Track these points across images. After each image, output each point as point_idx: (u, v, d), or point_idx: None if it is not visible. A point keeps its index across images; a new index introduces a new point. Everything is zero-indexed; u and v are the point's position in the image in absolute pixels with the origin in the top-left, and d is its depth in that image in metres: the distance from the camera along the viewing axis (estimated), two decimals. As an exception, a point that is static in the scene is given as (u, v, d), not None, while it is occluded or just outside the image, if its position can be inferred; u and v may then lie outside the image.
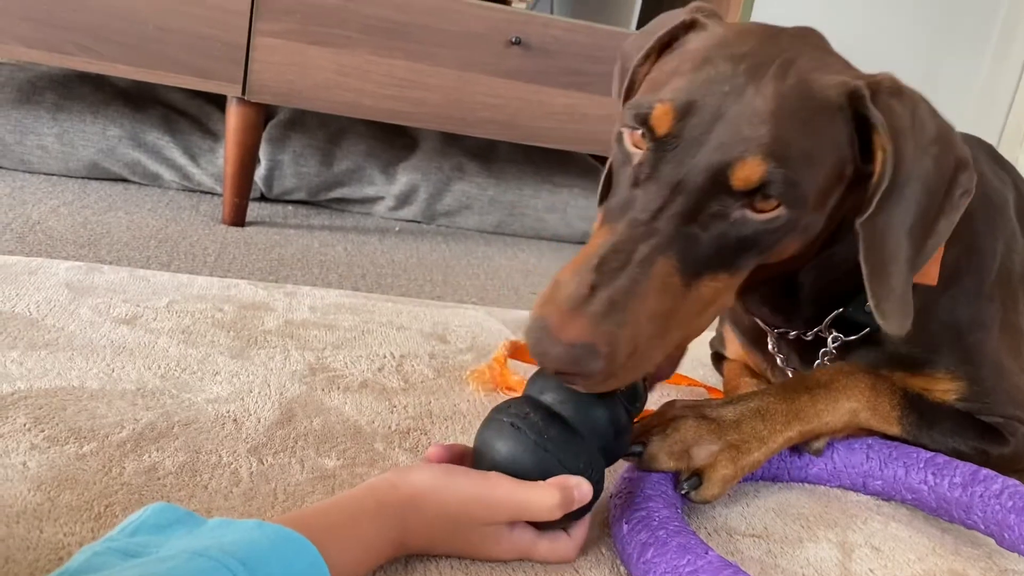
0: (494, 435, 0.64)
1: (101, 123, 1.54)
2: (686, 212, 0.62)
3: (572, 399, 0.64)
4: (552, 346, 0.57)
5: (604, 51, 1.50)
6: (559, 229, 1.81)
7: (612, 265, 0.59)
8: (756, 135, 0.61)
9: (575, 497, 0.61)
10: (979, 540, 0.80)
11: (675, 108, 0.62)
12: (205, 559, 0.48)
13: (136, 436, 0.72)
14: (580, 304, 0.58)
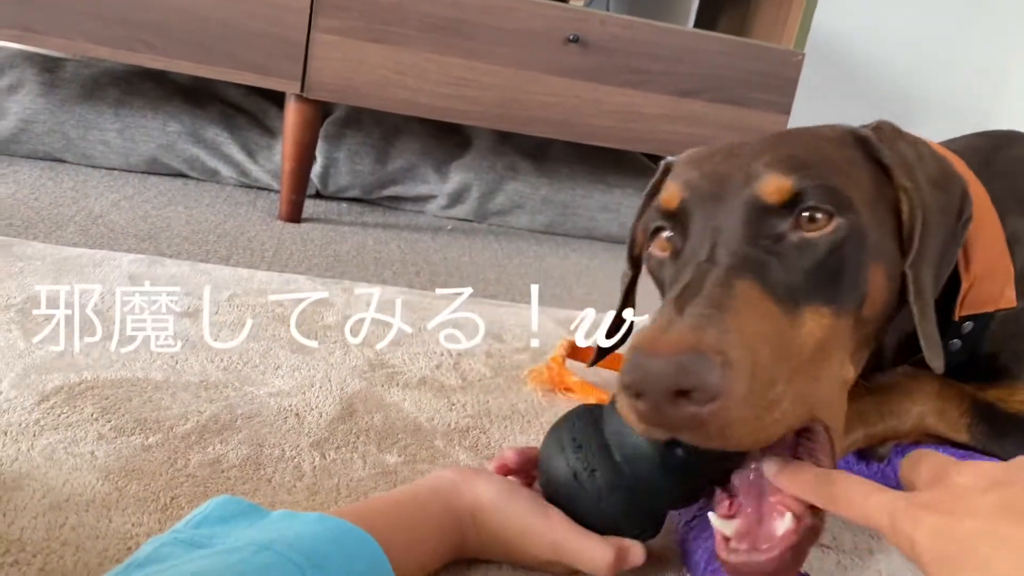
0: (557, 478, 0.62)
1: (161, 119, 1.56)
2: (741, 237, 0.58)
3: (644, 461, 0.60)
4: (650, 362, 0.48)
5: (662, 49, 1.48)
6: (612, 229, 1.79)
7: (691, 291, 0.54)
8: (767, 161, 0.61)
9: (628, 560, 0.60)
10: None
11: (681, 185, 0.63)
12: (270, 553, 0.48)
13: (200, 428, 0.72)
14: (669, 324, 0.50)
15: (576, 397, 0.92)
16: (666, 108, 1.51)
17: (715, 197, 0.60)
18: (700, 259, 0.57)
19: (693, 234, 0.60)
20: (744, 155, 0.63)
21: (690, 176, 0.63)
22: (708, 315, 0.51)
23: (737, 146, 0.66)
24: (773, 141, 0.65)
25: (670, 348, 0.48)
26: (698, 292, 0.53)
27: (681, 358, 0.48)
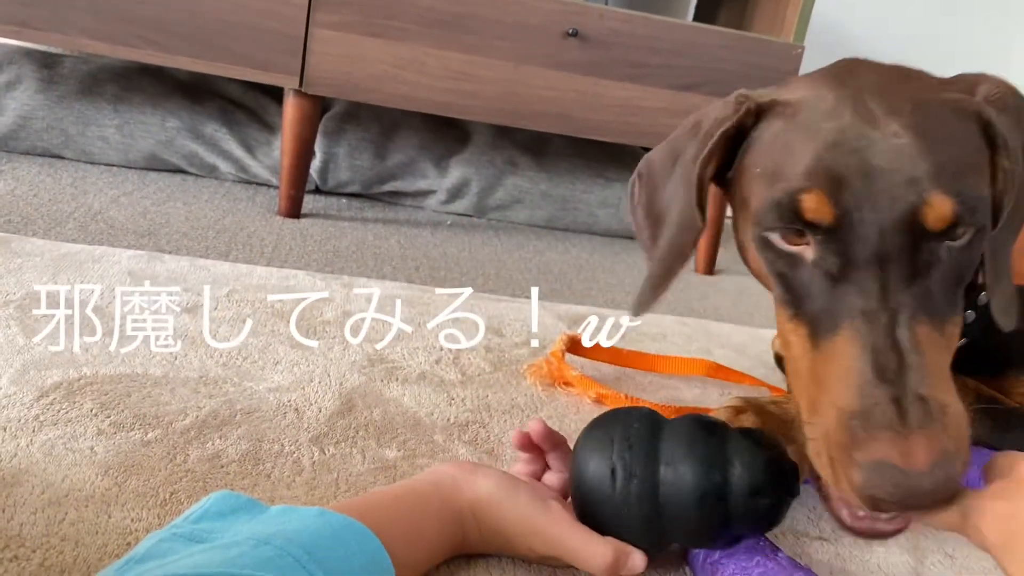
0: (592, 473, 0.61)
1: (160, 115, 1.56)
2: (907, 275, 0.56)
3: (686, 491, 0.59)
4: (918, 480, 0.49)
5: (661, 42, 1.47)
6: (611, 224, 1.79)
7: (891, 367, 0.53)
8: (922, 172, 0.56)
9: (628, 565, 0.59)
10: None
11: (824, 190, 0.56)
12: (270, 547, 0.48)
13: (199, 424, 0.72)
14: (900, 423, 0.51)
15: (575, 391, 0.92)
16: (665, 102, 1.51)
17: (869, 210, 0.56)
18: (874, 299, 0.55)
19: (853, 255, 0.56)
20: (887, 136, 0.57)
21: (831, 170, 0.57)
22: (925, 399, 0.52)
23: (861, 108, 0.59)
24: (911, 117, 0.58)
25: (924, 461, 0.49)
26: (900, 361, 0.53)
27: (940, 469, 0.49)
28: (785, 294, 0.61)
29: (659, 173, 0.73)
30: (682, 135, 0.73)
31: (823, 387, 0.56)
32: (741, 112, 0.64)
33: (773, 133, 0.63)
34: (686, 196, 0.67)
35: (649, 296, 0.70)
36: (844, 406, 0.53)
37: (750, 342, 1.21)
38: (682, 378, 1.02)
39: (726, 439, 0.62)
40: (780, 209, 0.58)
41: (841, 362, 0.55)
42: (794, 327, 0.60)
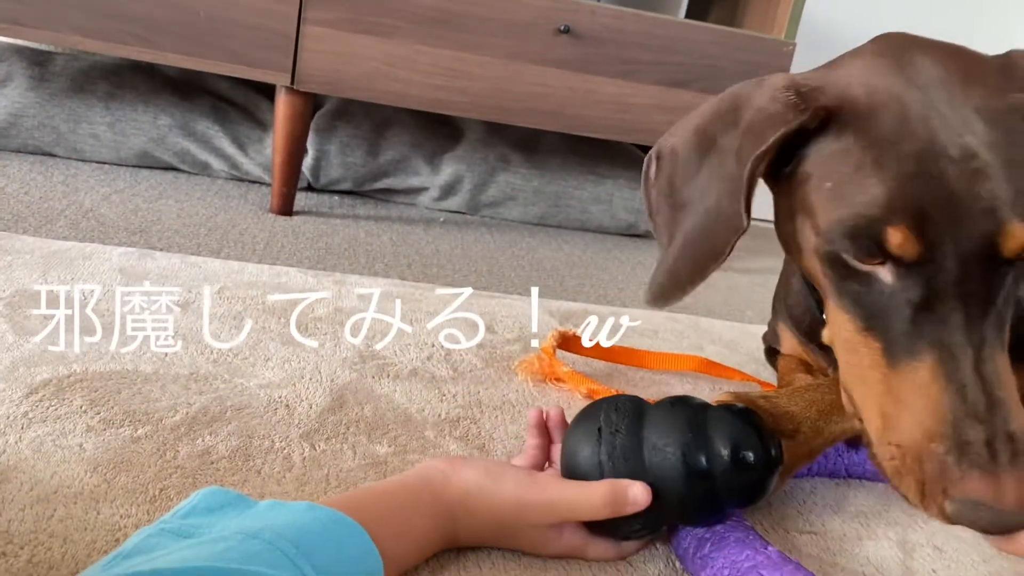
0: (580, 430, 0.64)
1: (152, 112, 1.56)
2: (984, 304, 0.57)
3: (666, 454, 0.61)
4: (1009, 518, 0.53)
5: (653, 39, 1.47)
6: (604, 220, 1.79)
7: (981, 405, 0.55)
8: (999, 200, 0.55)
9: (627, 498, 0.60)
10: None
11: (910, 227, 0.55)
12: (258, 541, 0.48)
13: (189, 420, 0.72)
14: (992, 463, 0.54)
15: (567, 387, 0.92)
16: (657, 98, 1.51)
17: (951, 239, 0.55)
18: (960, 332, 0.56)
19: (938, 286, 0.56)
20: (964, 159, 0.56)
21: (915, 199, 0.55)
22: (1014, 436, 0.54)
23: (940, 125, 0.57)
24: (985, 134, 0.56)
25: (1015, 501, 0.53)
26: (990, 397, 0.55)
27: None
28: (855, 307, 0.60)
29: (684, 158, 0.71)
30: (714, 119, 0.69)
31: (906, 409, 0.57)
32: (807, 116, 0.61)
33: (844, 147, 0.60)
34: (731, 194, 0.64)
35: (673, 290, 0.68)
36: (936, 439, 0.55)
37: (741, 338, 1.21)
38: (673, 374, 1.02)
39: (708, 417, 0.63)
40: (857, 236, 0.57)
41: (929, 393, 0.56)
42: (865, 339, 0.60)
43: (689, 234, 0.68)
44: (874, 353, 0.60)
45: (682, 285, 0.67)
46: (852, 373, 0.64)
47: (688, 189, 0.70)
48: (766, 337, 1.09)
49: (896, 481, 0.59)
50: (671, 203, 0.71)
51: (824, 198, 0.60)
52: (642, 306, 1.33)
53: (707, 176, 0.68)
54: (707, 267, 0.66)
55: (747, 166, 0.62)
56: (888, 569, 0.69)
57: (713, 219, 0.66)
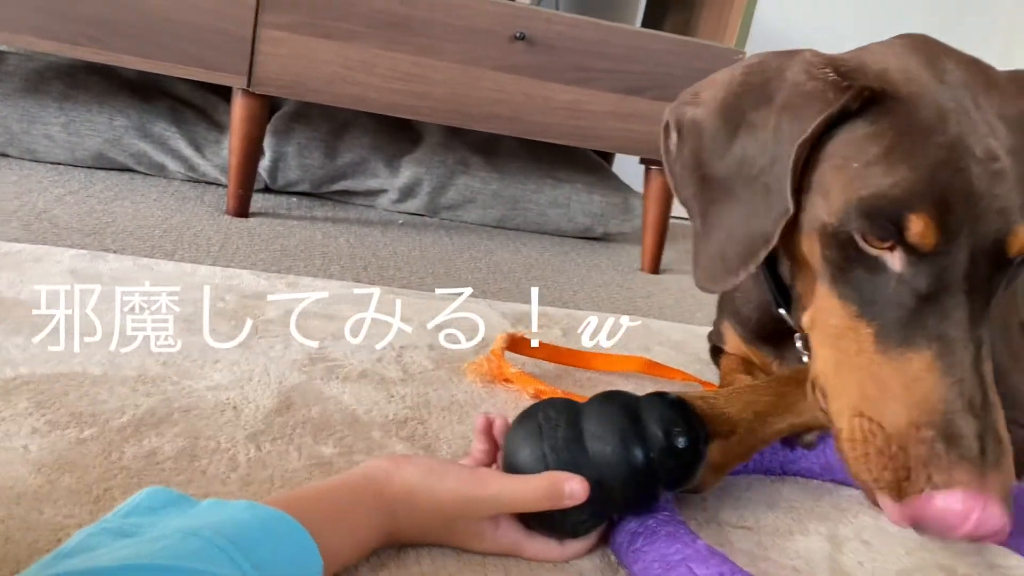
0: (521, 430, 0.66)
1: (108, 113, 1.55)
2: (984, 302, 0.59)
3: (607, 439, 0.64)
4: (994, 519, 0.55)
5: (608, 47, 1.50)
6: (561, 224, 1.82)
7: (977, 402, 0.57)
8: (1013, 203, 0.58)
9: (565, 491, 0.62)
10: (969, 536, 0.80)
11: (933, 217, 0.57)
12: (197, 538, 0.49)
13: (136, 421, 0.73)
14: (981, 459, 0.56)
15: (515, 388, 0.94)
16: (612, 105, 1.53)
17: (966, 233, 0.57)
18: (962, 330, 0.58)
19: (948, 280, 0.58)
20: (987, 159, 0.58)
21: (937, 191, 0.57)
22: (1000, 437, 0.57)
23: (968, 124, 0.59)
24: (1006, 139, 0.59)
25: (998, 500, 0.55)
26: (984, 397, 0.57)
27: (1006, 504, 0.55)
28: (852, 292, 0.62)
29: (711, 132, 0.69)
30: (742, 93, 0.68)
31: (893, 396, 0.59)
32: (850, 95, 0.61)
33: (879, 130, 0.60)
34: (775, 178, 0.64)
35: (725, 275, 0.68)
36: (928, 427, 0.56)
37: (687, 339, 1.24)
38: (619, 374, 1.05)
39: (641, 406, 0.66)
40: (876, 216, 0.58)
41: (925, 383, 0.58)
42: (856, 325, 0.61)
43: (733, 218, 0.68)
44: (864, 340, 0.61)
45: (734, 269, 0.68)
46: (834, 359, 0.64)
47: (719, 165, 0.69)
48: (711, 336, 1.12)
49: (859, 466, 0.60)
50: (699, 177, 0.71)
51: (848, 176, 0.61)
52: (597, 308, 1.35)
53: (740, 153, 0.67)
54: (757, 252, 0.66)
55: (792, 152, 0.62)
56: (816, 562, 0.72)
57: (759, 203, 0.65)
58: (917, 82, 0.62)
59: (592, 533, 0.67)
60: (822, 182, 0.63)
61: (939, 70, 0.62)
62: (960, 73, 0.63)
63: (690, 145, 0.72)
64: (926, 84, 0.61)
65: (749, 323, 0.96)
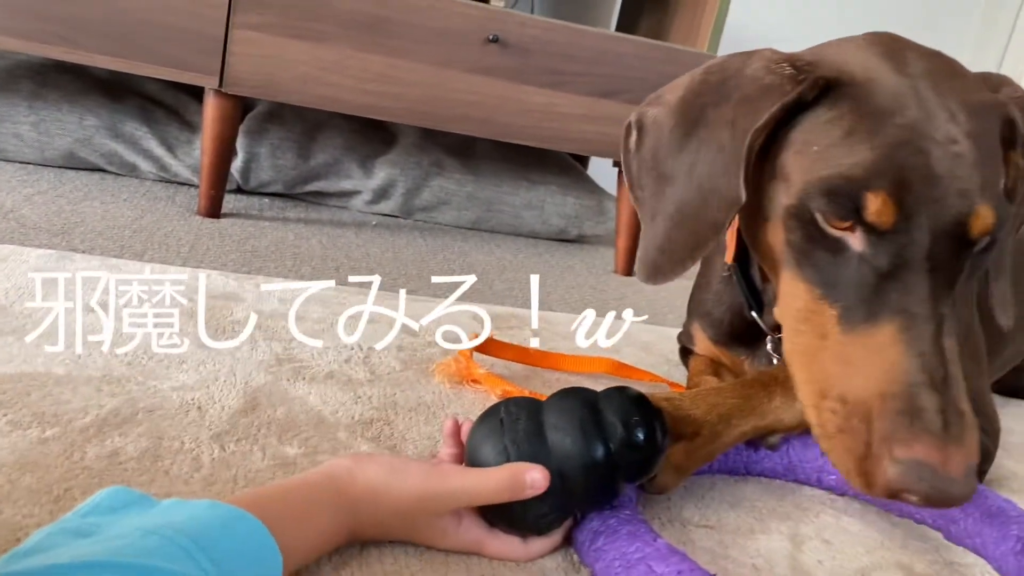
0: (483, 426, 0.67)
1: (78, 112, 1.54)
2: (949, 284, 0.60)
3: (568, 430, 0.64)
4: (952, 486, 0.55)
5: (580, 50, 1.51)
6: (535, 226, 1.82)
7: (939, 376, 0.57)
8: (974, 184, 0.59)
9: (526, 481, 0.62)
10: (927, 534, 0.82)
11: (890, 195, 0.58)
12: (157, 537, 0.49)
13: (99, 422, 0.73)
14: (944, 431, 0.56)
15: (483, 389, 0.94)
16: (585, 108, 1.54)
17: (926, 215, 0.58)
18: (924, 306, 0.59)
19: (909, 257, 0.59)
20: (946, 142, 0.59)
21: (895, 172, 0.59)
22: (962, 412, 0.57)
23: (927, 109, 0.61)
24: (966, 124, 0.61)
25: (959, 471, 0.55)
26: (944, 372, 0.58)
27: (969, 478, 0.55)
28: (815, 275, 0.63)
29: (670, 131, 0.71)
30: (701, 92, 0.70)
31: (856, 371, 0.59)
32: (805, 86, 0.62)
33: (838, 114, 0.62)
34: (725, 168, 0.65)
35: (671, 266, 0.69)
36: (890, 400, 0.57)
37: (657, 340, 1.25)
38: (588, 375, 1.05)
39: (601, 399, 0.67)
40: (836, 196, 0.59)
41: (887, 356, 0.58)
42: (820, 308, 0.62)
43: (682, 208, 0.69)
44: (828, 321, 0.62)
45: (680, 260, 0.69)
46: (800, 342, 0.65)
47: (675, 162, 0.70)
48: (681, 337, 1.13)
49: (828, 442, 0.61)
50: (655, 175, 0.72)
51: (808, 160, 0.62)
52: (570, 310, 1.36)
53: (697, 150, 0.68)
54: (706, 242, 0.67)
55: (746, 139, 0.63)
56: (777, 561, 0.73)
57: (707, 193, 0.67)
58: (876, 70, 0.63)
59: (556, 532, 0.67)
60: (784, 169, 0.65)
61: (900, 61, 0.64)
62: (922, 64, 0.64)
63: (649, 144, 0.73)
64: (885, 72, 0.63)
65: (721, 325, 0.97)
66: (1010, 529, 0.71)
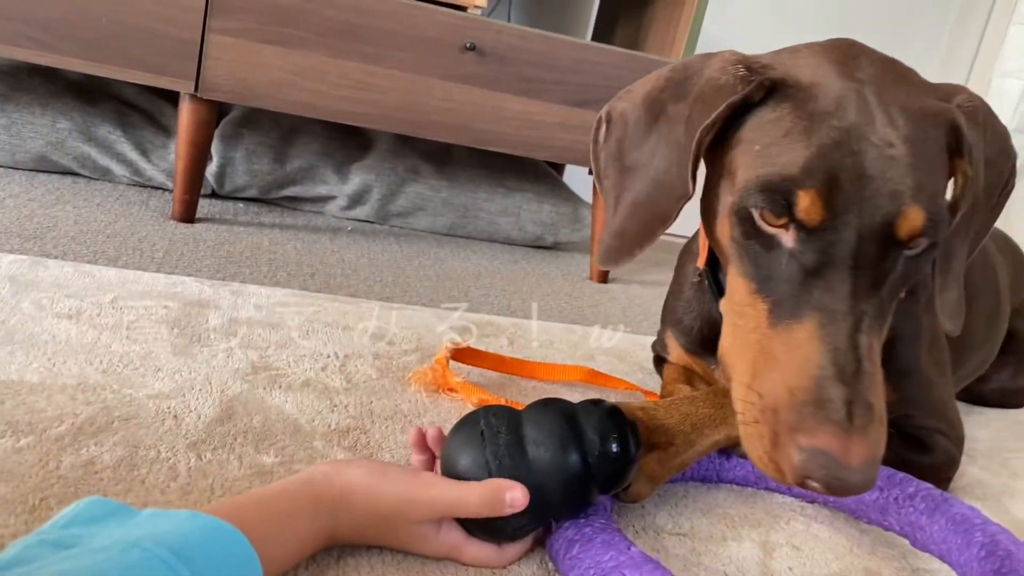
0: (462, 436, 0.67)
1: (51, 115, 1.53)
2: (873, 284, 0.62)
3: (548, 446, 0.65)
4: (850, 475, 0.57)
5: (556, 59, 1.52)
6: (511, 232, 1.83)
7: (849, 370, 0.59)
8: (905, 186, 0.61)
9: (506, 500, 0.63)
10: (894, 541, 0.84)
11: (820, 193, 0.60)
12: (138, 550, 0.49)
13: (75, 430, 0.73)
14: (847, 422, 0.58)
15: (459, 397, 0.95)
16: (561, 117, 1.56)
17: (855, 213, 0.60)
18: (845, 302, 0.61)
19: (834, 254, 0.61)
20: (882, 145, 0.61)
21: (827, 170, 0.60)
22: (870, 405, 0.59)
23: (861, 107, 0.63)
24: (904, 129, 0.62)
25: (860, 461, 0.57)
26: (857, 366, 0.59)
27: (869, 469, 0.57)
28: (753, 270, 0.65)
29: (634, 124, 0.75)
30: (664, 88, 0.73)
31: (776, 364, 0.62)
32: (752, 87, 0.65)
33: (780, 114, 0.65)
34: (678, 161, 0.68)
35: (622, 252, 0.73)
36: (799, 392, 0.59)
37: (631, 348, 1.26)
38: (564, 384, 1.06)
39: (579, 412, 0.69)
40: (771, 193, 0.62)
41: (802, 351, 0.61)
42: (753, 301, 0.65)
43: (637, 198, 0.72)
44: (760, 315, 0.64)
45: (630, 248, 0.73)
46: (736, 336, 0.68)
47: (636, 154, 0.74)
48: (655, 346, 1.14)
49: (744, 431, 0.63)
50: (619, 167, 0.76)
51: (750, 158, 0.65)
52: (545, 318, 1.37)
53: (655, 143, 0.72)
54: (654, 231, 0.71)
55: (696, 135, 0.66)
56: (748, 568, 0.74)
57: (661, 185, 0.70)
58: (822, 74, 0.66)
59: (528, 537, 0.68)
60: (731, 167, 0.68)
61: (850, 66, 0.67)
62: (872, 70, 0.67)
63: (615, 135, 0.77)
64: (831, 76, 0.66)
65: (691, 332, 0.98)
66: (974, 536, 0.73)
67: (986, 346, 1.21)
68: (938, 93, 0.70)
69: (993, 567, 0.69)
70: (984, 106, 0.71)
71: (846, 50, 0.69)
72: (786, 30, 2.29)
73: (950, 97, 0.70)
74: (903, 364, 0.87)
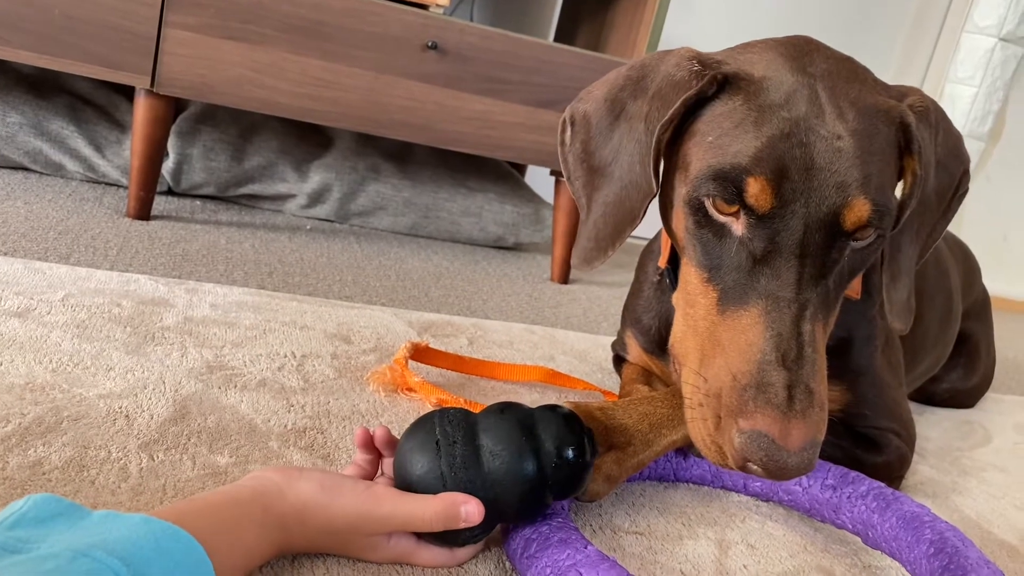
0: (417, 443, 0.66)
1: (1, 109, 1.49)
2: (819, 272, 0.63)
3: (504, 457, 0.65)
4: (788, 458, 0.58)
5: (519, 59, 1.52)
6: (473, 233, 1.83)
7: (791, 355, 0.60)
8: (852, 178, 0.62)
9: (460, 515, 0.63)
10: (847, 539, 0.85)
11: (769, 180, 0.62)
12: (88, 559, 0.48)
13: (22, 431, 0.71)
14: (787, 405, 0.59)
15: (418, 397, 0.94)
16: (522, 117, 1.56)
17: (802, 203, 0.62)
18: (790, 289, 0.62)
19: (780, 242, 0.63)
20: (831, 137, 0.63)
21: (777, 160, 0.62)
22: (811, 391, 0.60)
23: (813, 100, 0.64)
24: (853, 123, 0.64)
25: (797, 444, 0.58)
26: (800, 352, 0.61)
27: (807, 452, 0.58)
28: (704, 259, 0.67)
29: (596, 124, 0.76)
30: (623, 87, 0.75)
31: (722, 350, 0.63)
32: (705, 81, 0.67)
33: (732, 106, 0.66)
34: (640, 159, 0.70)
35: (596, 253, 0.74)
36: (741, 376, 0.61)
37: (591, 349, 1.27)
38: (523, 384, 1.06)
39: (536, 420, 0.68)
40: (722, 181, 0.63)
41: (746, 336, 0.62)
42: (704, 290, 0.66)
43: (607, 198, 0.74)
44: (710, 303, 0.66)
45: (603, 248, 0.74)
46: (687, 324, 0.69)
47: (602, 154, 0.76)
48: (615, 346, 1.15)
49: (691, 415, 0.65)
50: (587, 167, 0.77)
51: (703, 149, 0.67)
52: (505, 318, 1.37)
53: (619, 141, 0.74)
54: (623, 231, 0.73)
55: (655, 133, 0.68)
56: (704, 566, 0.75)
57: (627, 185, 0.72)
58: (774, 69, 0.68)
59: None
60: (685, 159, 0.69)
61: (803, 62, 0.69)
62: (825, 66, 0.69)
63: (580, 137, 0.78)
64: (783, 71, 0.67)
65: (649, 332, 0.99)
66: (923, 533, 0.74)
67: (939, 347, 1.24)
68: (891, 92, 0.72)
69: (941, 564, 0.70)
70: (936, 108, 0.73)
71: (801, 46, 0.71)
72: (745, 33, 2.32)
73: (903, 97, 0.71)
74: (857, 364, 0.89)
